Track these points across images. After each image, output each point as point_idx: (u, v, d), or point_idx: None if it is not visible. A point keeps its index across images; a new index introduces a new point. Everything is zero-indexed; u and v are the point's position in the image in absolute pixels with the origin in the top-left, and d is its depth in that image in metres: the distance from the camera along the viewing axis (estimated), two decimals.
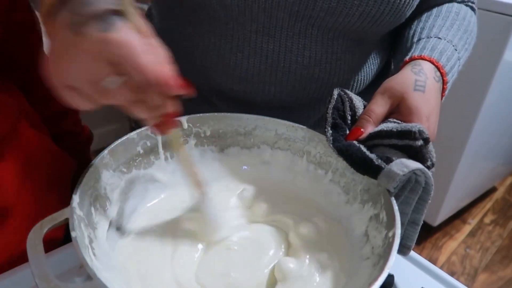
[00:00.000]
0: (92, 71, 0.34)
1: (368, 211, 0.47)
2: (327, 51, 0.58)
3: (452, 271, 1.65)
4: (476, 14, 0.66)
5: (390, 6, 0.54)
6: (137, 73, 0.34)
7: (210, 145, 0.56)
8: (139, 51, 0.34)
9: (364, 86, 0.64)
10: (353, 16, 0.54)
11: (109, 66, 0.34)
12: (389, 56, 0.70)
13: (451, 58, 0.55)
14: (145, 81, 0.34)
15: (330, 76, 0.59)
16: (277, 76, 0.59)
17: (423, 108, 0.49)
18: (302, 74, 0.59)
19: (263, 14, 0.55)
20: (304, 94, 0.61)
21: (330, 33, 0.57)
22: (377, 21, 0.55)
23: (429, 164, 0.46)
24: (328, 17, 0.54)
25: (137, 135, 0.51)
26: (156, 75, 0.34)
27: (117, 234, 0.47)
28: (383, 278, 0.35)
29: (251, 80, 0.59)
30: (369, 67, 0.64)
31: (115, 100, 0.36)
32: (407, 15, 0.58)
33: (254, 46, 0.57)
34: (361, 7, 0.53)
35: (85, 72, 0.35)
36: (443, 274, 0.57)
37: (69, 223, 0.39)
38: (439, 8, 0.62)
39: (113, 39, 0.33)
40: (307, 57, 0.58)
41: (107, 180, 0.47)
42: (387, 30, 0.59)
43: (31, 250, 0.37)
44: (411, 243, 0.48)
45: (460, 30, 0.59)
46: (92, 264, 0.36)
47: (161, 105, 0.38)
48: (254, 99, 0.61)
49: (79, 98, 0.37)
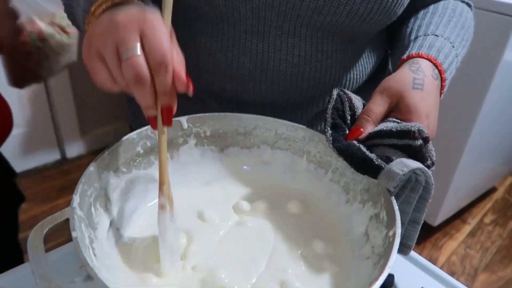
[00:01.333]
0: (121, 38, 0.38)
1: (368, 210, 0.47)
2: (317, 49, 0.58)
3: (452, 271, 1.65)
4: (472, 10, 0.66)
5: (378, 4, 0.54)
6: (156, 52, 0.38)
7: (210, 145, 0.56)
8: (165, 39, 0.39)
9: (357, 85, 0.64)
10: (341, 15, 0.54)
11: (137, 38, 0.38)
12: (385, 55, 0.70)
13: (448, 55, 0.55)
14: (160, 60, 0.38)
15: (321, 75, 0.60)
16: (267, 75, 0.59)
17: (422, 106, 0.49)
18: (292, 73, 0.59)
19: (251, 14, 0.55)
20: (296, 93, 0.61)
21: (319, 32, 0.57)
22: (365, 19, 0.55)
23: (429, 163, 0.46)
24: (316, 16, 0.54)
25: (137, 135, 0.51)
26: (172, 63, 0.39)
27: (117, 234, 0.47)
28: (383, 277, 0.35)
29: (242, 80, 0.60)
30: (362, 66, 0.64)
31: (128, 72, 0.38)
32: (398, 13, 0.58)
33: (244, 46, 0.58)
34: (349, 6, 0.53)
35: (115, 38, 0.39)
36: (443, 274, 0.57)
37: (70, 223, 0.39)
38: (436, 5, 0.62)
39: (148, 18, 0.39)
40: (296, 56, 0.58)
41: (107, 181, 0.47)
42: (378, 28, 0.59)
43: (31, 250, 0.38)
44: (412, 243, 0.48)
45: (457, 26, 0.59)
46: (93, 264, 0.36)
47: (165, 94, 0.40)
48: (246, 98, 0.61)
49: (101, 67, 0.40)
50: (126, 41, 0.38)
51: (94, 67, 0.41)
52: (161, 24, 0.39)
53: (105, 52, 0.40)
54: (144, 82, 0.39)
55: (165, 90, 0.40)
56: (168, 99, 0.41)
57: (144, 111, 0.42)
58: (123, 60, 0.38)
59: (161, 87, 0.40)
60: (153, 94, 0.40)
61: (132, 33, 0.38)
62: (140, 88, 0.39)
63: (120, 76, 0.39)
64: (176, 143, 0.54)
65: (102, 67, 0.40)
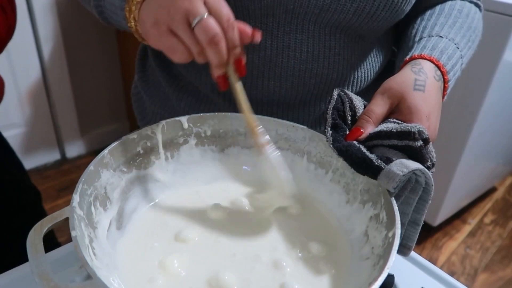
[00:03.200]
0: (189, 8, 0.42)
1: (368, 211, 0.47)
2: (325, 46, 0.58)
3: (452, 271, 1.65)
4: (481, 11, 0.65)
5: (385, 2, 0.54)
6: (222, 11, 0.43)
7: (210, 145, 0.56)
8: (227, 8, 0.44)
9: (365, 84, 0.64)
10: (348, 13, 0.54)
11: (203, 4, 0.43)
12: (392, 55, 0.70)
13: (452, 56, 0.55)
14: (227, 18, 0.43)
15: (329, 71, 0.60)
16: (276, 71, 0.59)
17: (423, 108, 0.49)
18: (300, 69, 0.59)
19: (259, 11, 0.55)
20: (304, 90, 0.61)
21: (326, 28, 0.57)
22: (372, 16, 0.55)
23: (429, 164, 0.46)
24: (323, 14, 0.55)
25: (137, 135, 0.51)
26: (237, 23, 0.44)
27: (117, 233, 0.47)
28: (383, 278, 0.35)
29: (251, 76, 0.60)
30: (370, 65, 0.64)
31: (203, 35, 0.42)
32: (406, 11, 0.58)
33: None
34: (355, 3, 0.53)
35: (183, 9, 0.42)
36: (443, 274, 0.57)
37: (69, 222, 0.39)
38: (442, 6, 0.62)
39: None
40: (305, 52, 0.58)
41: (108, 180, 0.47)
42: (386, 26, 0.59)
43: (31, 249, 0.38)
44: (412, 244, 0.48)
45: (463, 28, 0.59)
46: (92, 264, 0.36)
47: (236, 47, 0.45)
48: (254, 95, 0.61)
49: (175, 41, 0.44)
50: (193, 8, 0.42)
51: (170, 46, 0.45)
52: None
53: (175, 26, 0.43)
54: (218, 39, 0.42)
55: (236, 44, 0.44)
56: (239, 51, 0.45)
57: (215, 70, 0.46)
58: (196, 26, 0.42)
59: (232, 42, 0.44)
60: (226, 49, 0.44)
61: (197, 0, 0.42)
62: (215, 47, 0.43)
63: (195, 43, 0.43)
64: (176, 142, 0.54)
65: (176, 42, 0.44)
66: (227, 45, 0.44)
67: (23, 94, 1.79)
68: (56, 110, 1.91)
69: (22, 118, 1.84)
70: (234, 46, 0.45)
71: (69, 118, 1.97)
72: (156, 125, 0.52)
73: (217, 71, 0.46)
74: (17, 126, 1.84)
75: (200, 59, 0.45)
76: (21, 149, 1.89)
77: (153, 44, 0.47)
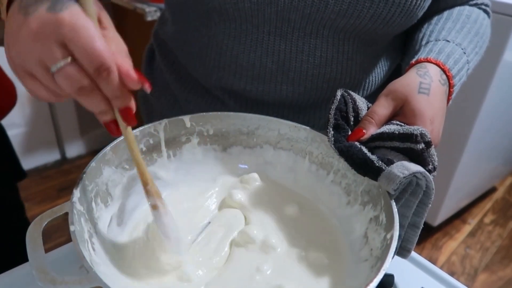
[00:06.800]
0: (43, 53, 0.33)
1: (368, 213, 0.47)
2: (338, 51, 0.58)
3: (452, 271, 1.65)
4: (490, 17, 0.65)
5: (401, 8, 0.54)
6: (89, 57, 0.33)
7: (213, 144, 0.57)
8: (94, 35, 0.33)
9: (376, 86, 0.64)
10: (364, 18, 0.54)
11: (60, 48, 0.33)
12: (401, 58, 0.70)
13: (458, 61, 0.54)
14: (97, 64, 0.33)
15: (341, 76, 0.60)
16: (289, 76, 0.59)
17: (427, 111, 0.49)
18: (313, 73, 0.59)
19: (275, 16, 0.55)
20: (316, 94, 0.61)
21: (341, 33, 0.57)
22: (388, 22, 0.55)
23: (431, 167, 0.46)
24: (339, 19, 0.54)
25: (140, 133, 0.51)
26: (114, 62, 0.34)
27: (118, 230, 0.47)
28: (378, 279, 0.35)
29: (264, 80, 0.60)
30: (380, 68, 0.64)
31: (65, 85, 0.34)
32: (419, 16, 0.58)
33: (267, 46, 0.58)
34: (372, 9, 0.53)
35: (36, 54, 0.33)
36: (443, 274, 0.57)
37: (69, 217, 0.39)
38: (450, 11, 0.62)
39: (64, 19, 0.32)
40: (318, 57, 0.58)
41: (109, 176, 0.47)
42: (399, 31, 0.59)
43: (30, 243, 0.38)
44: (411, 246, 0.48)
45: (470, 33, 0.59)
46: (90, 258, 0.36)
47: (116, 97, 0.36)
48: (266, 99, 0.61)
49: (37, 85, 0.36)
50: (46, 54, 0.33)
51: (31, 88, 0.36)
52: (82, 20, 0.33)
53: (32, 69, 0.35)
54: (86, 91, 0.34)
55: (114, 93, 0.35)
56: (121, 101, 0.36)
57: (98, 117, 0.38)
58: (55, 74, 0.33)
59: (109, 91, 0.35)
60: (103, 98, 0.36)
61: (52, 43, 0.33)
62: (85, 98, 0.35)
63: (59, 89, 0.35)
64: (179, 141, 0.54)
65: (36, 84, 0.36)
66: (103, 95, 0.36)
67: (23, 94, 1.79)
68: (56, 110, 1.91)
69: (22, 118, 1.84)
70: (113, 96, 0.36)
71: (69, 118, 1.97)
72: (158, 123, 0.52)
73: (100, 119, 0.38)
74: (17, 126, 1.84)
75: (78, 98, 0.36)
76: (21, 149, 1.89)
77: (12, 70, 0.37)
